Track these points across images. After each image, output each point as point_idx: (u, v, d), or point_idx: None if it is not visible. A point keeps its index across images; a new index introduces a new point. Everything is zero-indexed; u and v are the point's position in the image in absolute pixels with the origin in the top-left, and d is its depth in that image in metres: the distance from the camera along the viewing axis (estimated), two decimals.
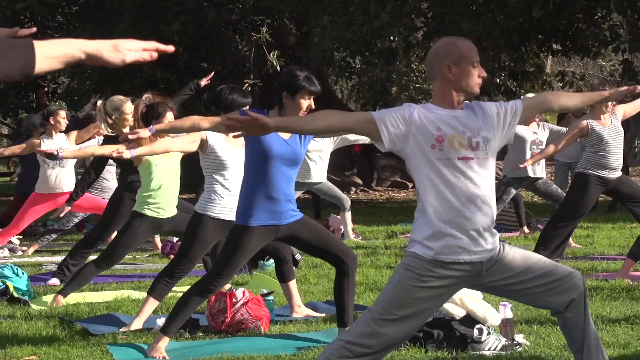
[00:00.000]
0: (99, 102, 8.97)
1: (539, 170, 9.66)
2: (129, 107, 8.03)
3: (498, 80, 16.85)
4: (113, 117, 7.96)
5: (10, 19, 14.08)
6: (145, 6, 14.20)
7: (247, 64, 17.33)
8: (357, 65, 17.57)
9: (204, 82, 9.06)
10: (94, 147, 8.01)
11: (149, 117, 6.31)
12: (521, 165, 8.82)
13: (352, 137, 10.86)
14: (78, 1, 15.31)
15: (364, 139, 10.75)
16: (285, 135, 5.20)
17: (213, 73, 7.38)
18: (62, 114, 9.60)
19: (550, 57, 18.38)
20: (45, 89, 21.51)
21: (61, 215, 8.93)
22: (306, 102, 5.20)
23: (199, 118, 5.14)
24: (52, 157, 7.29)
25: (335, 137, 10.62)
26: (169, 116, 6.35)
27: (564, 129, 9.49)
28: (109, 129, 8.87)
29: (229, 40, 16.61)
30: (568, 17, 13.44)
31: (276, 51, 15.92)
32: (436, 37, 15.09)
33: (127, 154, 5.89)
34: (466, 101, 3.91)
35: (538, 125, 9.74)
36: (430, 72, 3.93)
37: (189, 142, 5.87)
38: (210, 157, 5.91)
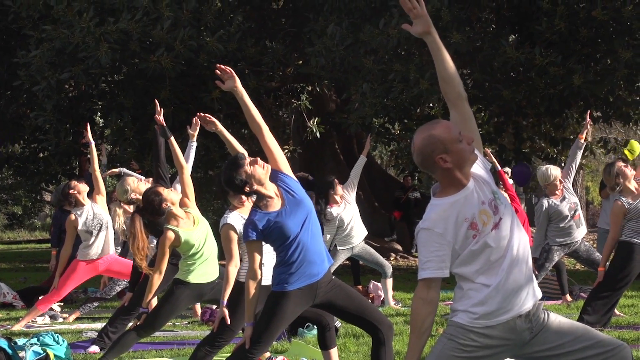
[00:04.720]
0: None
1: (580, 232, 9.58)
2: (130, 181, 8.28)
3: (538, 147, 16.79)
4: (125, 198, 8.33)
5: (55, 88, 14.30)
6: (186, 74, 14.36)
7: (287, 130, 17.44)
8: (396, 131, 17.61)
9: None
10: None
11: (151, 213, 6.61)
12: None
13: (358, 169, 10.65)
14: (121, 70, 15.51)
15: (361, 163, 10.59)
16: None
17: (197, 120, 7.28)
18: (73, 183, 9.63)
19: (591, 124, 18.28)
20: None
21: None
22: (256, 169, 5.32)
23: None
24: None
25: (352, 184, 10.48)
26: (171, 196, 6.57)
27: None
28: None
29: (269, 107, 16.73)
30: (609, 84, 13.39)
31: (316, 118, 16.02)
32: (476, 104, 15.13)
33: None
34: None
35: (562, 191, 9.62)
36: (426, 169, 3.83)
37: None
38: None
